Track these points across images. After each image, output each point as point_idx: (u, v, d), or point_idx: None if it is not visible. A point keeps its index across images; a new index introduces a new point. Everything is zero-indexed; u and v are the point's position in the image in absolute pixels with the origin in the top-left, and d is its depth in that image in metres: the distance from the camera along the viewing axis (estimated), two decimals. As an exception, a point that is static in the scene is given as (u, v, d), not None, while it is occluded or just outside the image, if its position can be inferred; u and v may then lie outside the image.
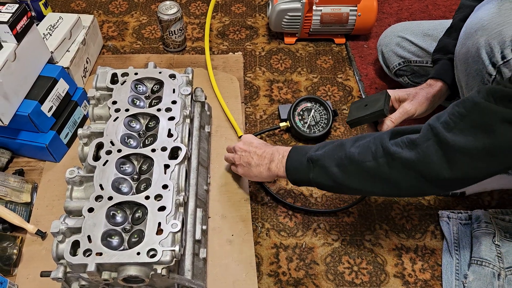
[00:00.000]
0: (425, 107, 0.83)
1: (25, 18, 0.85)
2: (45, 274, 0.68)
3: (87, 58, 1.10)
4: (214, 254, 0.82)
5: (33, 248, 0.82)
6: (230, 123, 1.03)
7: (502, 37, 0.62)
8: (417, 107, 0.82)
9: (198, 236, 0.76)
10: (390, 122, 0.82)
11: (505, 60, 0.62)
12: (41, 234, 0.82)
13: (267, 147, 0.81)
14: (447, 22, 1.00)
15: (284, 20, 1.18)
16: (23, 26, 0.85)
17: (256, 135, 1.01)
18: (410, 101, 0.83)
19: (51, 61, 0.97)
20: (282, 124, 1.00)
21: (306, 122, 1.01)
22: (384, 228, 0.88)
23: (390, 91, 0.84)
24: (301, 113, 1.02)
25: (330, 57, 1.22)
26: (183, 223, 0.70)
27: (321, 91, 1.13)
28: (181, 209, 0.69)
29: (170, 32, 1.15)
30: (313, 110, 1.02)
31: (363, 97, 1.12)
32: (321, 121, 1.01)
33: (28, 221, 0.85)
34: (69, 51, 1.03)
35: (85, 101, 1.01)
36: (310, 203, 0.92)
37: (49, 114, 0.91)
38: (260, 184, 0.93)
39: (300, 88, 1.14)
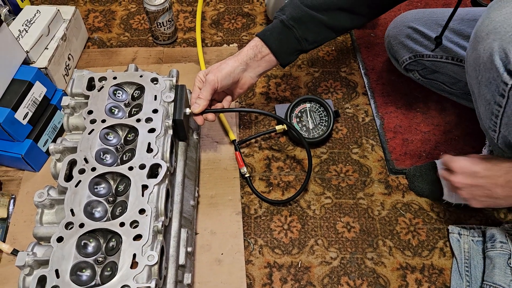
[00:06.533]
0: (231, 67, 0.76)
1: (-10, 17, 0.77)
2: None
3: (69, 54, 1.02)
4: (202, 275, 0.76)
5: (9, 269, 0.77)
6: (222, 125, 0.95)
7: None
8: (217, 73, 0.75)
9: (181, 261, 0.70)
10: (201, 100, 0.75)
11: None
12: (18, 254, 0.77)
13: (498, 171, 0.65)
14: (465, 11, 0.89)
15: (282, 8, 1.08)
16: (-11, 26, 0.77)
17: (250, 139, 0.94)
18: (212, 72, 0.76)
19: (27, 62, 0.90)
20: (278, 127, 0.91)
21: (305, 125, 0.92)
22: (388, 244, 0.81)
23: (200, 72, 0.78)
24: (299, 114, 0.93)
25: (333, 48, 1.12)
26: (163, 250, 0.64)
27: (322, 87, 1.04)
28: (160, 237, 0.63)
29: (159, 24, 1.06)
30: (312, 112, 0.93)
31: (369, 94, 1.02)
32: (321, 123, 0.93)
33: (4, 239, 0.79)
34: (47, 48, 0.95)
35: (66, 103, 0.93)
36: (308, 216, 0.84)
37: (25, 122, 0.84)
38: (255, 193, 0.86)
39: (300, 85, 1.05)
